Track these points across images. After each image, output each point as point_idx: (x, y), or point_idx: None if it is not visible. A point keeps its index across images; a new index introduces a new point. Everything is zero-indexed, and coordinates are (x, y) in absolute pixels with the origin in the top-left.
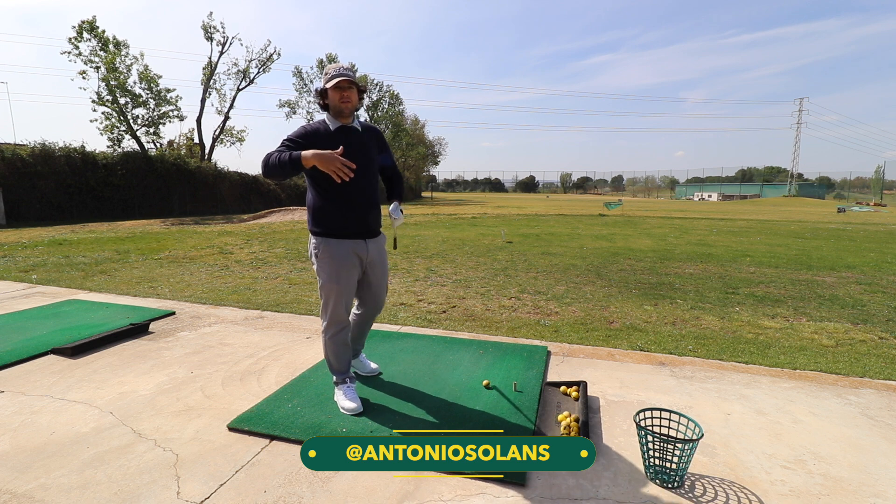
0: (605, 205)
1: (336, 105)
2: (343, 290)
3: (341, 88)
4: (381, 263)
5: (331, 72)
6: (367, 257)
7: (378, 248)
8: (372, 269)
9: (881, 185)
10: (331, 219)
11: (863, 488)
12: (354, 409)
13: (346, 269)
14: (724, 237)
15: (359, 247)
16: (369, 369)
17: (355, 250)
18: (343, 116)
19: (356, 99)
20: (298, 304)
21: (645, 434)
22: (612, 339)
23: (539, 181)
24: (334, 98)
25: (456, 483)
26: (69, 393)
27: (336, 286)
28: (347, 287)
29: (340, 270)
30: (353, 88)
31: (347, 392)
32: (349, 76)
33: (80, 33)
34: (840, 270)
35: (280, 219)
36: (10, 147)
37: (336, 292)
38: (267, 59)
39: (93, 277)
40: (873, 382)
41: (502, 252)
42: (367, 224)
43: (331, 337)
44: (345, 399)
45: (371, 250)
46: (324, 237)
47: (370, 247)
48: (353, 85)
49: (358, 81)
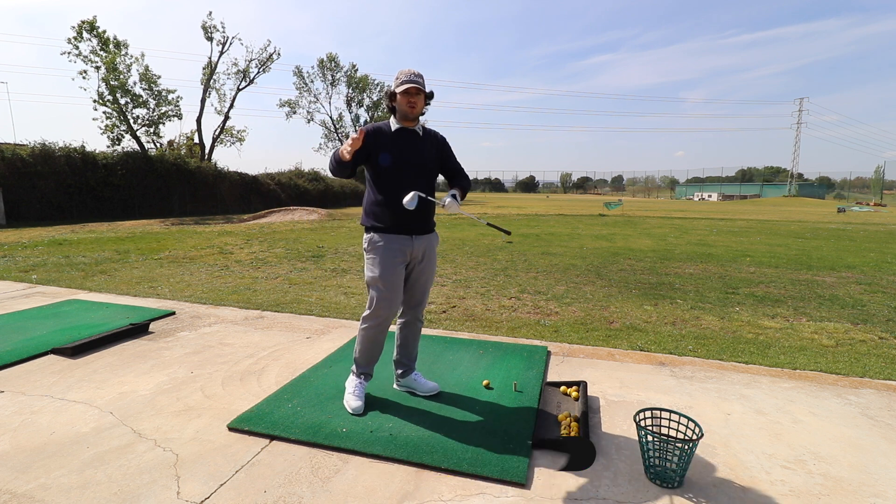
0: (605, 205)
1: (403, 109)
2: (387, 285)
3: (409, 94)
4: (428, 264)
5: (402, 77)
6: (412, 253)
7: (426, 248)
8: (417, 267)
9: (881, 185)
10: (379, 214)
11: (863, 488)
12: (356, 409)
13: (391, 264)
14: (724, 237)
15: (404, 243)
16: (427, 388)
17: (401, 246)
18: (408, 120)
19: (422, 105)
20: (298, 304)
21: (645, 434)
22: (612, 339)
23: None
24: (402, 103)
25: (456, 483)
26: (69, 393)
27: (380, 280)
28: (391, 282)
29: (385, 264)
30: (420, 95)
31: (357, 389)
32: (418, 83)
33: (80, 33)
34: (840, 270)
35: (280, 219)
36: (10, 147)
37: (380, 285)
38: (267, 59)
39: (93, 277)
40: (873, 382)
41: (502, 252)
42: (414, 221)
43: (364, 329)
44: (352, 396)
45: (417, 247)
46: (372, 231)
47: (416, 244)
48: (421, 92)
49: (426, 89)
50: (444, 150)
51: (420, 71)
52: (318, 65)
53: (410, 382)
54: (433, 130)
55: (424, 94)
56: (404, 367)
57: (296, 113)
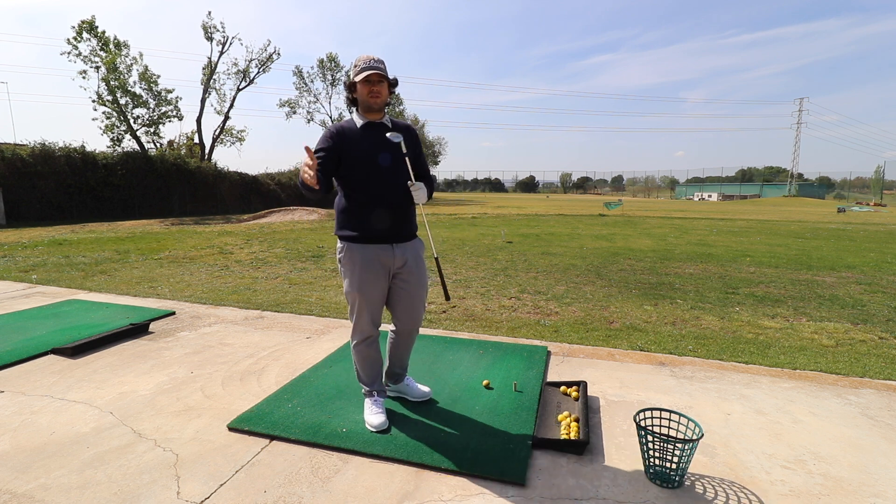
0: (605, 205)
1: (364, 100)
2: (366, 299)
3: (371, 82)
4: (416, 272)
5: (360, 64)
6: (394, 264)
7: (410, 255)
8: (402, 277)
9: (881, 185)
10: (354, 221)
11: (863, 488)
12: (379, 426)
13: (370, 277)
14: (724, 237)
15: (384, 252)
16: (418, 394)
17: (380, 256)
18: (372, 112)
19: (386, 93)
20: (298, 304)
21: (645, 434)
22: (612, 339)
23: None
24: (363, 92)
25: (456, 483)
26: (69, 393)
27: (358, 294)
28: (371, 296)
29: (363, 277)
30: (383, 83)
31: (374, 406)
32: (380, 69)
33: (80, 33)
34: (840, 270)
35: (280, 219)
36: (10, 147)
37: (359, 301)
38: (267, 59)
39: (93, 277)
40: (873, 382)
41: (502, 252)
42: (394, 227)
43: (355, 346)
44: (370, 413)
45: (399, 257)
46: (347, 241)
47: (398, 252)
48: (383, 79)
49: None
50: (414, 148)
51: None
52: (318, 65)
53: (402, 388)
54: (404, 123)
55: (388, 81)
56: (396, 375)
57: (296, 113)
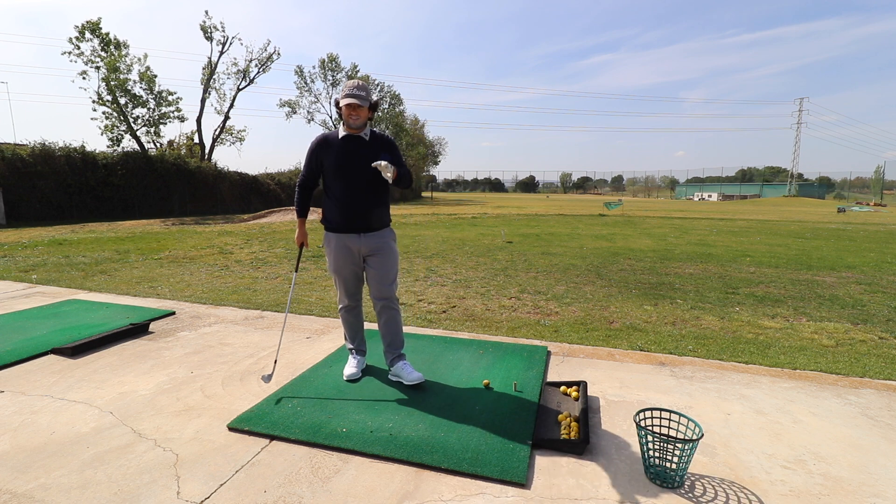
0: (605, 205)
1: (346, 119)
2: (341, 277)
3: (350, 108)
4: (381, 256)
5: (345, 90)
6: (361, 250)
7: (376, 243)
8: (370, 260)
9: (881, 185)
10: (329, 215)
11: (863, 488)
12: (350, 376)
13: (342, 260)
14: (724, 237)
15: (352, 240)
16: (411, 377)
17: (348, 243)
18: (352, 129)
19: (364, 116)
20: (298, 304)
21: (645, 434)
22: (612, 339)
23: (539, 181)
24: (345, 113)
25: (456, 483)
26: (69, 393)
27: (334, 273)
28: (343, 274)
29: (336, 259)
30: (363, 107)
31: (351, 360)
32: (360, 97)
33: (83, 33)
34: (840, 270)
35: (280, 219)
36: (10, 147)
37: (335, 278)
38: (267, 58)
39: (93, 277)
40: (873, 382)
41: (502, 252)
42: (359, 220)
43: (339, 311)
44: (347, 366)
45: (365, 245)
46: (325, 230)
47: (364, 240)
48: (362, 106)
49: (370, 99)
50: (391, 152)
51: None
52: (319, 65)
53: (398, 370)
54: (381, 134)
55: (368, 106)
56: (391, 355)
57: (296, 113)
